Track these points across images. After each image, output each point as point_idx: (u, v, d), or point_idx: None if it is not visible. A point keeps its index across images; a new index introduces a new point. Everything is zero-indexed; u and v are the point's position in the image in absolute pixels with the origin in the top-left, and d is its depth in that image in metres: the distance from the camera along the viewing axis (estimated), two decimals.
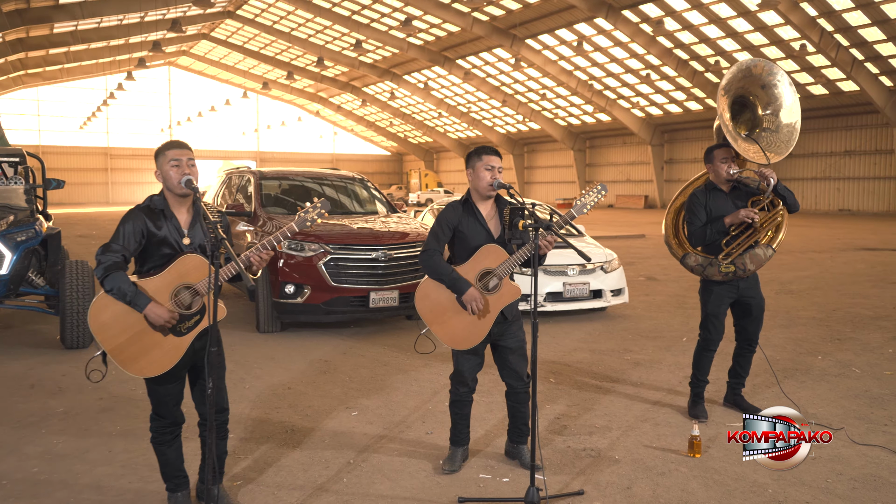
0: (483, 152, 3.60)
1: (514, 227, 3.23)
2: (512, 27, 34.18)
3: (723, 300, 4.50)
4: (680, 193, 4.84)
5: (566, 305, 7.93)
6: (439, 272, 3.53)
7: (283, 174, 8.67)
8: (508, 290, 3.55)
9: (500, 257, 3.48)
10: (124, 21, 38.47)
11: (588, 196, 3.53)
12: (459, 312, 3.55)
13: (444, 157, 63.81)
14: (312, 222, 3.07)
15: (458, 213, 3.62)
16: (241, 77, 56.40)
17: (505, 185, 3.48)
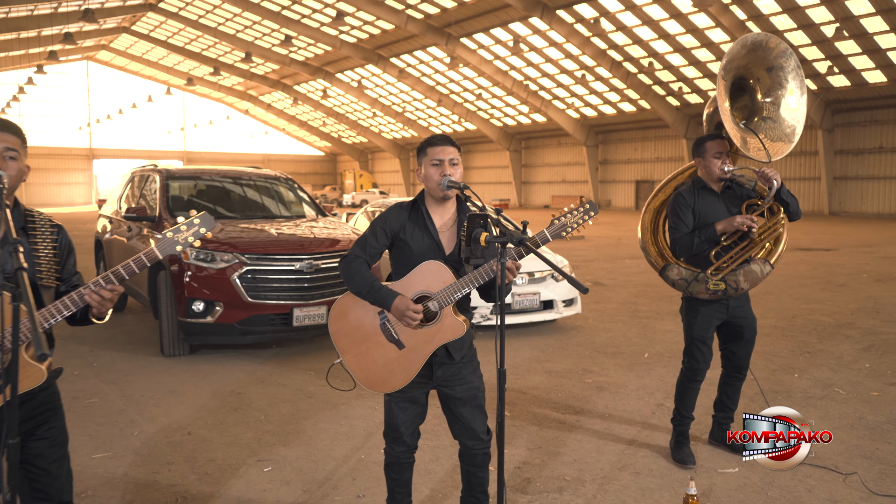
0: (428, 144, 2.80)
1: (475, 241, 2.36)
2: (447, 26, 33.53)
3: (710, 322, 3.81)
4: (660, 190, 4.10)
5: (515, 318, 7.20)
6: (359, 283, 2.71)
7: (194, 173, 7.65)
8: (450, 325, 2.72)
9: (443, 278, 2.67)
10: (35, 12, 36.08)
11: (570, 216, 2.75)
12: (382, 344, 2.74)
13: (378, 157, 62.75)
14: (186, 245, 2.21)
15: (401, 218, 2.80)
16: (166, 73, 54.04)
17: (457, 185, 2.68)
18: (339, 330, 2.80)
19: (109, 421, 4.50)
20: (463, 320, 2.75)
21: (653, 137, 40.28)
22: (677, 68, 32.20)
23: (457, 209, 2.85)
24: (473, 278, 2.62)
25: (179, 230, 2.22)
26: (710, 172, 3.74)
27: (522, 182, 48.59)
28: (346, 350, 2.79)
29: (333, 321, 2.82)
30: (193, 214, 2.24)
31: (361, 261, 2.77)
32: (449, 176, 2.70)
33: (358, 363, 2.77)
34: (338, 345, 2.80)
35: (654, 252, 3.99)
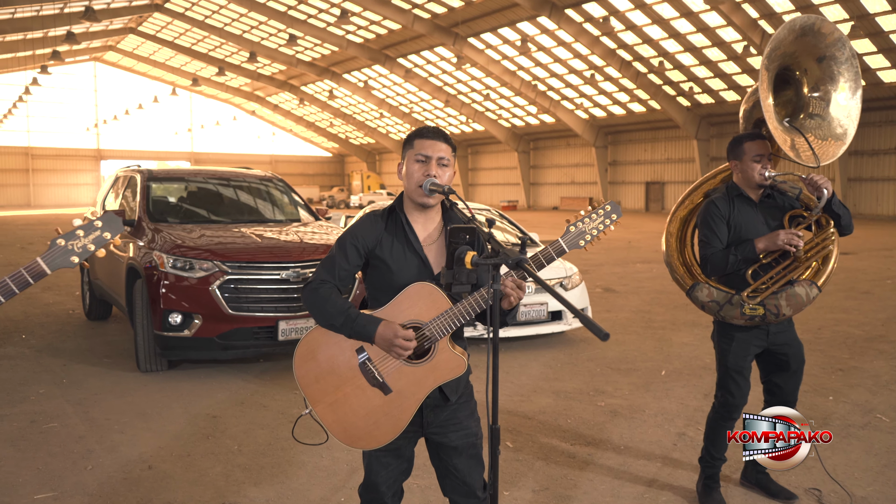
0: (417, 135, 2.29)
1: (458, 262, 1.82)
2: (454, 25, 33.06)
3: (748, 350, 3.29)
4: (687, 197, 3.57)
5: (520, 330, 6.70)
6: (330, 311, 2.20)
7: (178, 174, 7.19)
8: (447, 362, 2.20)
9: (436, 304, 2.15)
10: (42, 12, 35.85)
11: (589, 221, 2.29)
12: (363, 389, 2.23)
13: (386, 158, 62.33)
14: (85, 255, 1.75)
15: (376, 229, 2.29)
16: (173, 74, 53.82)
17: (440, 188, 2.17)
18: (307, 374, 2.26)
19: (64, 451, 4.03)
20: (461, 353, 2.23)
21: (663, 138, 39.66)
22: (688, 68, 31.61)
23: (443, 217, 2.35)
24: (475, 303, 2.11)
25: (75, 236, 1.75)
26: (749, 178, 3.21)
27: (531, 183, 48.04)
28: (318, 399, 2.25)
29: (300, 363, 2.27)
30: (94, 215, 1.78)
31: (329, 286, 2.26)
32: (433, 177, 2.20)
33: (333, 414, 2.24)
34: (307, 393, 2.26)
35: (681, 269, 3.46)
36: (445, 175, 2.25)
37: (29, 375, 5.70)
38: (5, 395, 5.15)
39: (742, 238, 3.21)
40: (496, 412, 1.89)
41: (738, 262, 3.17)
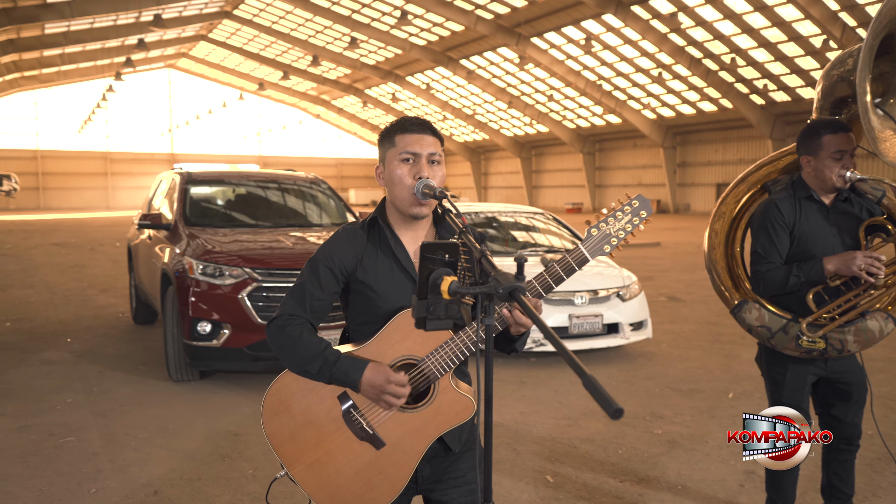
0: (399, 128, 1.90)
1: (434, 289, 1.33)
2: (517, 25, 32.53)
3: (804, 381, 2.77)
4: (737, 186, 2.98)
5: (572, 344, 6.22)
6: (302, 354, 1.81)
7: (218, 176, 7.02)
8: (451, 404, 1.81)
9: (433, 335, 1.77)
10: (118, 21, 37.16)
11: (614, 221, 1.86)
12: (349, 444, 1.83)
13: (450, 161, 62.07)
14: None
15: (355, 246, 1.91)
16: (242, 79, 55.02)
17: (433, 190, 1.77)
18: (279, 430, 1.86)
19: (73, 470, 3.81)
20: (466, 392, 1.83)
21: (735, 138, 38.07)
22: (762, 64, 30.17)
23: (435, 228, 1.95)
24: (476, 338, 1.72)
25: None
26: (824, 179, 2.67)
27: (596, 185, 46.95)
28: (296, 459, 1.85)
29: (269, 417, 1.88)
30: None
31: (300, 322, 1.87)
32: (426, 178, 1.80)
33: (315, 477, 1.84)
34: (280, 453, 1.87)
35: (727, 279, 2.92)
36: (438, 174, 1.85)
37: (62, 383, 5.58)
38: (33, 403, 5.01)
39: (806, 252, 2.68)
40: (489, 483, 1.47)
41: (798, 281, 2.65)
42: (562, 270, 1.80)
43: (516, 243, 7.61)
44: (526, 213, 8.14)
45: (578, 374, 1.08)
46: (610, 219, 1.87)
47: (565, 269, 1.81)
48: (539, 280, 1.79)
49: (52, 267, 13.82)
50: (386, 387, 1.72)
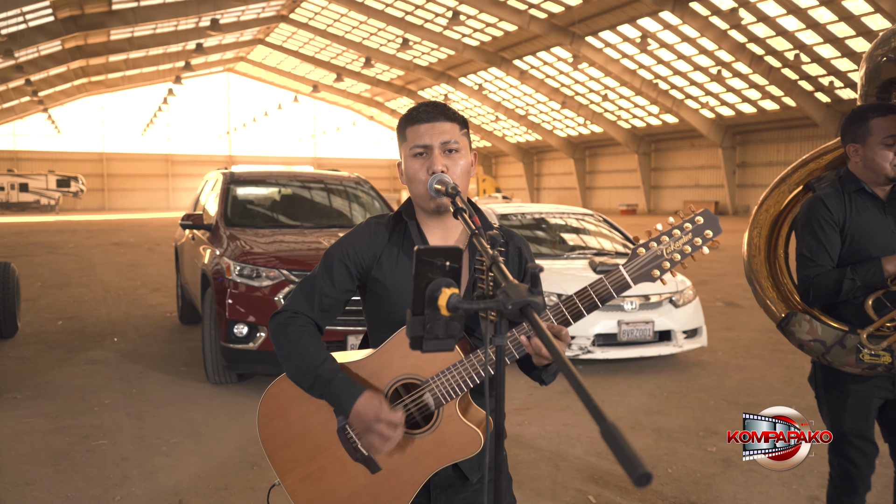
0: (407, 121, 1.71)
1: (431, 302, 1.09)
2: (571, 24, 32.03)
3: (870, 405, 2.45)
4: (774, 189, 2.71)
5: (621, 352, 5.93)
6: (296, 363, 1.65)
7: (261, 176, 6.96)
8: (456, 436, 1.60)
9: (449, 354, 1.56)
10: (179, 27, 38.14)
11: (671, 239, 1.57)
12: (342, 463, 1.65)
13: (503, 161, 61.83)
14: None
15: (376, 242, 1.74)
16: (297, 82, 55.84)
17: (445, 186, 1.55)
18: (274, 437, 1.72)
19: (101, 475, 3.74)
20: (476, 423, 1.61)
21: (798, 138, 36.68)
22: (828, 61, 28.95)
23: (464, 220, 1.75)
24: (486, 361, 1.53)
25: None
26: (876, 168, 2.35)
27: (651, 186, 45.95)
28: (289, 471, 1.70)
29: (265, 422, 1.73)
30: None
31: (304, 322, 1.70)
32: (441, 172, 1.61)
33: (307, 493, 1.68)
34: (274, 461, 1.72)
35: (771, 290, 2.59)
36: (458, 165, 1.66)
37: (104, 383, 5.58)
38: (73, 404, 5.01)
39: (861, 252, 2.36)
40: None
41: (856, 289, 2.33)
42: (597, 297, 1.56)
43: (564, 246, 7.34)
44: (575, 214, 7.86)
45: (597, 420, 0.86)
46: (664, 237, 1.58)
47: (601, 296, 1.57)
48: (568, 305, 1.57)
49: (110, 266, 14.13)
50: (374, 425, 1.54)
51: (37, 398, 5.14)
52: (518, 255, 1.76)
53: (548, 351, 0.97)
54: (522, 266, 1.76)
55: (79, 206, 50.91)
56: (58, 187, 48.54)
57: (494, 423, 1.20)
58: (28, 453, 4.07)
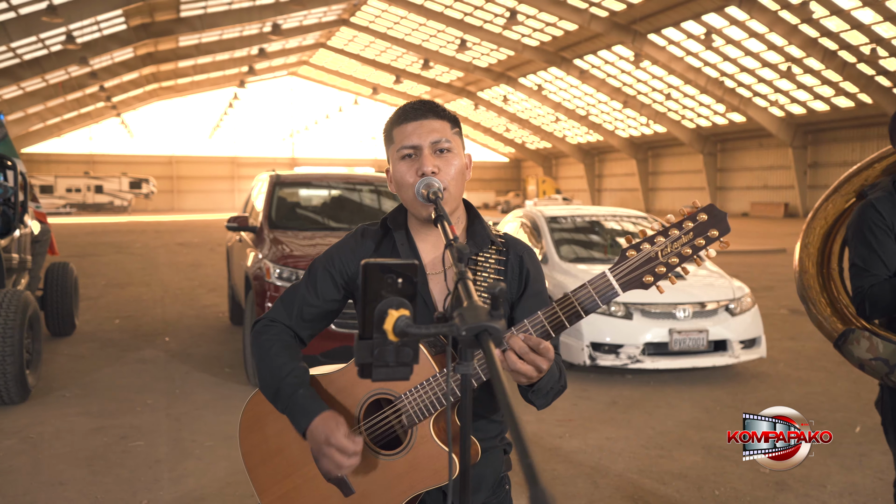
0: (394, 121, 1.59)
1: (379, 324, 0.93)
2: (633, 22, 31.35)
3: None
4: (827, 200, 2.48)
5: (673, 362, 5.66)
6: (263, 376, 1.55)
7: (306, 178, 6.97)
8: (430, 459, 1.44)
9: (419, 367, 1.41)
10: (244, 32, 39.06)
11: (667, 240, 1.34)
12: (316, 482, 1.53)
13: (563, 162, 61.11)
14: None
15: (362, 252, 1.62)
16: (358, 84, 56.49)
17: (430, 190, 1.43)
18: (252, 452, 1.62)
19: (133, 477, 3.75)
20: None
21: (875, 136, 34.95)
22: None
23: (467, 233, 1.61)
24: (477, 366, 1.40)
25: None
26: None
27: (717, 188, 44.59)
28: (266, 488, 1.59)
29: (245, 435, 1.63)
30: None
31: (279, 330, 1.60)
32: (431, 174, 1.48)
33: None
34: (252, 477, 1.61)
35: (825, 306, 2.39)
36: (452, 166, 1.52)
37: (149, 383, 5.65)
38: (117, 403, 5.07)
39: None
40: None
41: None
42: (579, 306, 1.37)
43: (616, 249, 7.09)
44: (628, 216, 7.59)
45: (528, 481, 0.70)
46: (660, 237, 1.36)
47: (583, 305, 1.37)
48: (549, 316, 1.38)
49: (171, 266, 14.49)
50: (324, 448, 1.41)
51: (84, 396, 5.23)
52: (519, 263, 1.62)
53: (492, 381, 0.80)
54: (523, 275, 1.61)
55: (149, 207, 52.74)
56: (130, 189, 50.50)
57: (460, 460, 1.05)
58: (66, 453, 4.12)
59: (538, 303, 1.60)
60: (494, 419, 1.62)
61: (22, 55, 29.73)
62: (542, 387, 1.46)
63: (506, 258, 1.59)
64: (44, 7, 23.10)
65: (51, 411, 4.87)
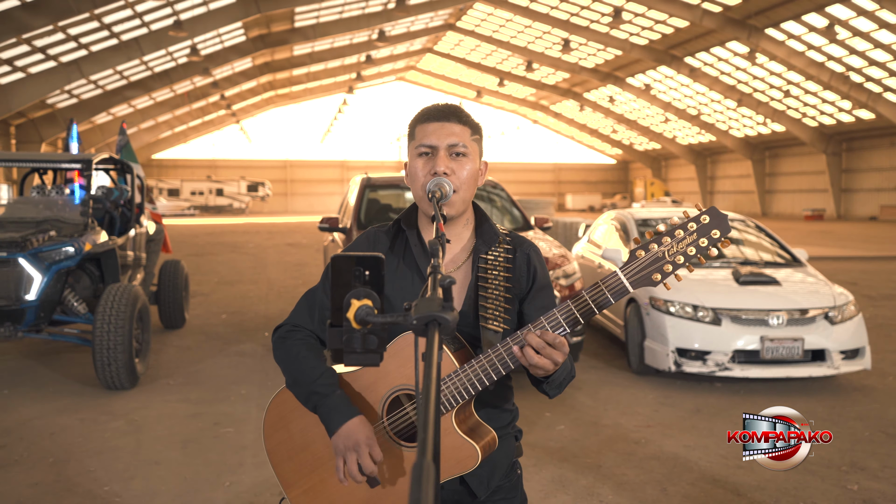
0: (418, 120, 1.67)
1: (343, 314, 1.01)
2: (748, 17, 29.95)
3: None
4: None
5: (764, 371, 5.41)
6: (295, 380, 1.64)
7: (395, 181, 7.13)
8: (453, 449, 1.52)
9: (444, 365, 1.50)
10: (354, 40, 40.36)
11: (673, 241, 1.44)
12: None
13: (673, 164, 59.16)
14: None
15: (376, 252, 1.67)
16: (463, 88, 56.99)
17: (434, 190, 1.52)
18: (278, 449, 1.71)
19: (220, 460, 4.01)
20: (473, 438, 1.53)
21: None
22: None
23: (476, 232, 1.68)
24: (497, 361, 1.46)
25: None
26: None
27: (842, 190, 41.82)
28: (293, 483, 1.69)
29: (270, 433, 1.74)
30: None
31: (303, 335, 1.70)
32: (443, 174, 1.55)
33: None
34: (279, 472, 1.72)
35: None
36: (464, 169, 1.60)
37: (245, 374, 5.98)
38: (213, 392, 5.42)
39: None
40: None
41: None
42: (593, 303, 1.46)
43: None
44: None
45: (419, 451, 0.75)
46: (666, 237, 1.46)
47: (597, 302, 1.46)
48: (563, 312, 1.47)
49: (279, 265, 15.20)
50: (348, 454, 1.52)
51: (186, 384, 5.62)
52: (527, 261, 1.70)
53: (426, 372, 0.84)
54: (531, 271, 1.70)
55: (265, 209, 55.40)
56: (247, 192, 53.30)
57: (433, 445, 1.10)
58: (165, 435, 4.46)
59: (546, 297, 1.68)
60: (506, 408, 1.68)
61: (153, 67, 32.03)
62: (555, 378, 1.55)
63: (513, 256, 1.67)
64: (170, 23, 24.81)
65: (155, 397, 5.27)
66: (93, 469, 3.89)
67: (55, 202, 6.47)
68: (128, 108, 37.81)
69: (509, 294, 1.62)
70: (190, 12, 25.64)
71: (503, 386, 1.67)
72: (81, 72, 26.38)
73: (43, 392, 5.41)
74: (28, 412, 4.91)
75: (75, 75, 26.44)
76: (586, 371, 6.11)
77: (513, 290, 1.63)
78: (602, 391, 5.53)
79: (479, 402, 1.62)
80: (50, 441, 4.34)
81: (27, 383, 5.66)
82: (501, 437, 1.64)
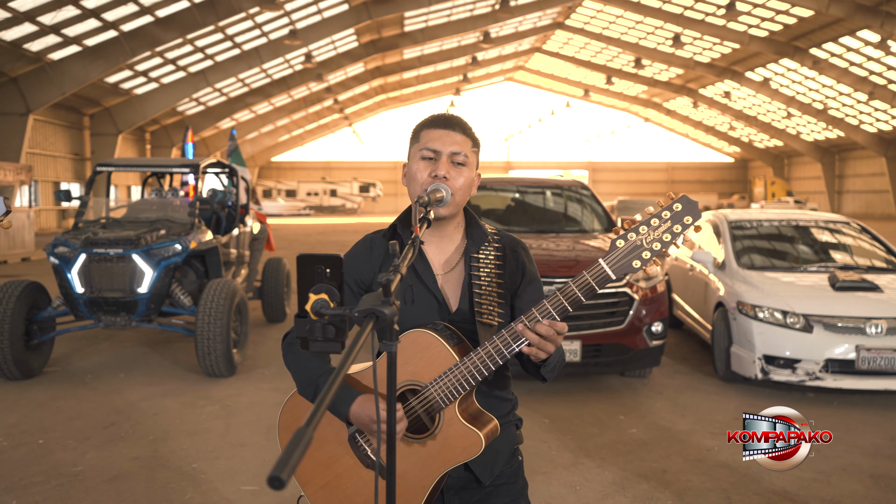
0: (424, 125, 1.78)
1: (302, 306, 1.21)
2: (882, 3, 27.88)
3: None
4: None
5: (860, 382, 5.12)
6: (301, 381, 1.76)
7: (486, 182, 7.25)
8: (458, 438, 1.62)
9: (438, 360, 1.60)
10: (462, 42, 40.86)
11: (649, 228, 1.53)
12: (356, 469, 1.72)
13: (796, 162, 55.92)
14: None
15: (373, 257, 1.82)
16: (571, 86, 56.33)
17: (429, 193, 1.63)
18: None
19: None
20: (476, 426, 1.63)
21: None
22: None
23: (466, 233, 1.78)
24: (495, 353, 1.57)
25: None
26: None
27: None
28: (309, 479, 1.77)
29: (284, 435, 1.85)
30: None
31: None
32: (442, 180, 1.66)
33: (327, 501, 1.76)
34: (295, 472, 1.83)
35: None
36: (461, 177, 1.70)
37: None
38: None
39: None
40: None
41: None
42: (579, 292, 1.56)
43: (806, 257, 6.53)
44: (826, 221, 6.93)
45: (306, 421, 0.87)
46: (643, 227, 1.54)
47: (583, 290, 1.56)
48: (553, 304, 1.57)
49: None
50: (370, 424, 1.62)
51: (278, 375, 5.98)
52: (515, 257, 1.80)
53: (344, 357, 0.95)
54: (520, 267, 1.79)
55: (376, 209, 57.01)
56: (359, 192, 55.08)
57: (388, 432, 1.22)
58: (253, 421, 4.79)
59: (535, 290, 1.78)
60: (506, 397, 1.77)
61: (272, 75, 33.78)
62: (551, 361, 1.66)
63: (503, 254, 1.77)
64: (286, 32, 26.10)
65: (249, 385, 5.66)
66: (185, 448, 4.26)
67: (169, 203, 7.05)
68: (249, 113, 39.99)
69: (502, 290, 1.72)
70: (305, 21, 26.88)
71: (501, 376, 1.78)
72: (207, 80, 28.26)
73: (152, 377, 5.92)
74: (137, 394, 5.41)
75: (202, 84, 28.36)
76: (670, 376, 6.00)
77: (504, 285, 1.73)
78: (682, 396, 5.42)
79: (479, 392, 1.72)
80: (152, 421, 4.77)
81: (141, 368, 6.21)
82: (502, 426, 1.74)
